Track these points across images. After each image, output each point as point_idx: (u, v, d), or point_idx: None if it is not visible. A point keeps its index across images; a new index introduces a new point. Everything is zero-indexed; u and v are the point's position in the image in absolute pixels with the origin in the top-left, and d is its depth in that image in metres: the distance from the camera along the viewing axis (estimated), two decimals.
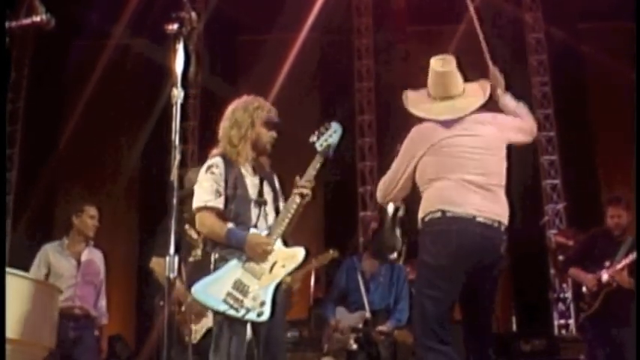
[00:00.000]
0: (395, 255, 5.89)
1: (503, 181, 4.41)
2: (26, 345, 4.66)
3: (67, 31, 11.96)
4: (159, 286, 5.55)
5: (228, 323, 4.13)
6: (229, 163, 4.33)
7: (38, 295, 5.09)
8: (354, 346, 6.82)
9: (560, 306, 11.61)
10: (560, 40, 12.41)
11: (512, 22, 12.66)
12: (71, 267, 6.57)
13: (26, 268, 6.20)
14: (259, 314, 4.09)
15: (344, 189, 12.61)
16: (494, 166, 4.39)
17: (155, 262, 5.66)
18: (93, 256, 6.76)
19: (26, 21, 3.55)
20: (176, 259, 3.27)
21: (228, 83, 12.69)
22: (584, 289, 6.87)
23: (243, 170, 4.39)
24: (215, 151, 4.45)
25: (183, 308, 5.46)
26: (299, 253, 4.37)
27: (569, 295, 11.43)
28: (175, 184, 3.28)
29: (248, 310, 4.09)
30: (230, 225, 4.24)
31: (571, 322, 11.37)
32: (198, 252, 5.55)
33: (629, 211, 6.78)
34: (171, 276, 3.26)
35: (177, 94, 3.30)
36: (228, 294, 4.11)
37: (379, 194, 4.68)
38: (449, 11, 12.35)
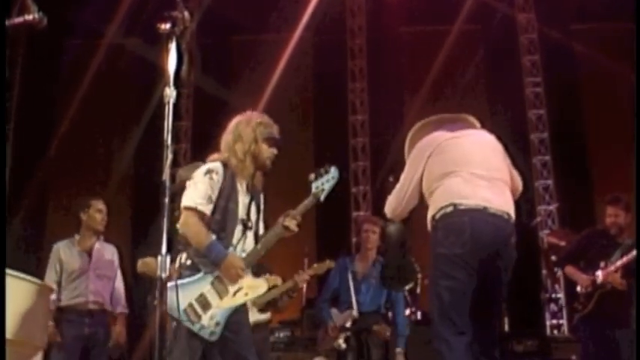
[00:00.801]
0: (411, 284, 5.89)
1: (508, 180, 4.50)
2: (16, 345, 4.63)
3: (60, 31, 11.95)
4: (151, 284, 5.54)
5: (184, 334, 4.14)
6: (229, 174, 4.33)
7: (28, 294, 5.06)
8: (343, 346, 6.82)
9: (553, 306, 11.63)
10: (553, 41, 12.45)
11: (504, 23, 12.71)
12: (83, 262, 6.54)
13: (18, 267, 6.15)
14: (211, 334, 4.13)
15: (336, 189, 12.59)
16: (497, 163, 4.49)
17: (142, 264, 5.66)
18: (104, 249, 6.72)
19: (18, 20, 3.54)
20: (168, 258, 3.25)
21: (221, 83, 12.69)
22: (578, 288, 6.87)
23: (238, 186, 4.39)
24: (217, 156, 4.45)
25: None
26: (262, 285, 4.45)
27: (561, 295, 11.46)
28: (168, 183, 3.28)
29: (203, 327, 4.14)
30: (213, 237, 4.23)
31: (563, 322, 11.41)
32: None
33: (627, 212, 6.76)
34: (163, 275, 3.25)
35: (170, 93, 3.29)
36: (190, 305, 4.14)
37: (388, 208, 4.72)
38: (442, 12, 12.40)
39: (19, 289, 4.91)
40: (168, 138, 3.28)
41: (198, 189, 4.29)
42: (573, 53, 12.54)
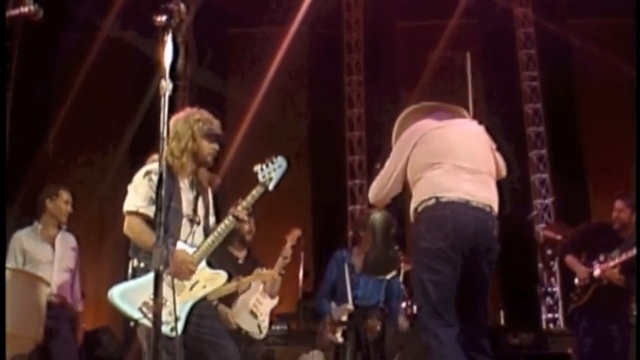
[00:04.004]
0: (394, 273, 5.90)
1: (493, 171, 4.47)
2: (11, 337, 4.64)
3: (56, 23, 11.91)
4: None
5: (146, 335, 4.02)
6: (169, 174, 4.18)
7: (23, 287, 5.06)
8: (340, 340, 6.82)
9: (549, 300, 11.67)
10: (549, 35, 12.46)
11: (501, 17, 12.71)
12: (47, 253, 6.35)
13: None
14: (172, 329, 4.02)
15: (333, 182, 12.63)
16: (483, 155, 4.46)
17: None
18: (66, 241, 6.54)
19: (14, 12, 3.54)
20: (164, 250, 3.25)
21: (217, 76, 12.68)
22: (576, 280, 6.88)
23: (180, 183, 4.36)
24: (155, 156, 4.34)
25: None
26: (221, 276, 4.39)
27: (557, 289, 11.49)
28: (164, 175, 3.27)
29: (162, 323, 4.03)
30: None
31: (559, 316, 11.43)
32: None
33: (633, 210, 6.74)
34: (161, 267, 3.25)
35: (166, 85, 3.28)
36: (145, 303, 4.05)
37: (371, 194, 4.70)
38: (439, 6, 12.39)
39: (16, 282, 4.92)
40: (163, 130, 3.28)
41: (139, 192, 4.26)
42: (570, 47, 12.55)
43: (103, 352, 8.89)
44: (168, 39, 3.33)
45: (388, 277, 6.01)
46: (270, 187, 4.43)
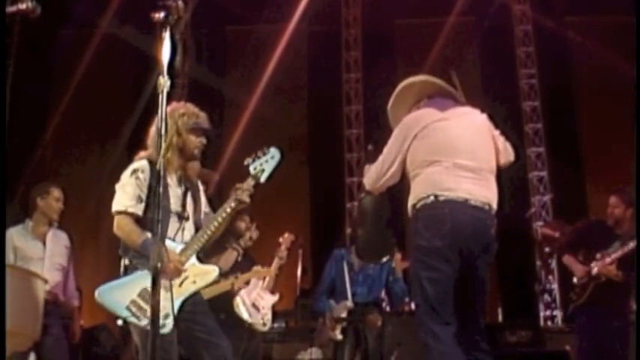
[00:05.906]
0: (387, 257, 5.87)
1: (494, 167, 4.41)
2: (9, 335, 4.62)
3: (54, 20, 11.90)
4: None
5: (139, 332, 4.05)
6: (155, 170, 4.04)
7: (19, 284, 5.05)
8: (339, 337, 6.82)
9: (547, 297, 11.67)
10: (547, 32, 12.46)
11: (499, 14, 12.71)
12: (38, 250, 6.30)
13: None
14: (162, 326, 3.94)
15: (331, 180, 12.63)
16: (484, 151, 4.38)
17: None
18: (58, 238, 6.48)
19: (11, 9, 3.52)
20: (162, 247, 3.24)
21: (215, 73, 12.67)
22: (575, 279, 6.87)
23: (168, 179, 4.30)
24: (143, 153, 4.36)
25: None
26: (212, 271, 4.33)
27: (555, 286, 11.49)
28: (162, 172, 3.27)
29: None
30: (148, 234, 4.08)
31: (557, 313, 11.44)
32: None
33: (628, 206, 6.70)
34: (158, 265, 3.23)
35: (164, 83, 3.27)
36: (133, 302, 4.04)
37: (368, 180, 4.61)
38: (437, 4, 12.39)
39: (13, 279, 4.90)
40: (161, 127, 3.26)
41: (127, 191, 4.22)
42: (568, 45, 12.56)
43: (100, 349, 8.88)
44: (166, 36, 3.31)
45: (383, 260, 6.00)
46: (262, 179, 4.35)
